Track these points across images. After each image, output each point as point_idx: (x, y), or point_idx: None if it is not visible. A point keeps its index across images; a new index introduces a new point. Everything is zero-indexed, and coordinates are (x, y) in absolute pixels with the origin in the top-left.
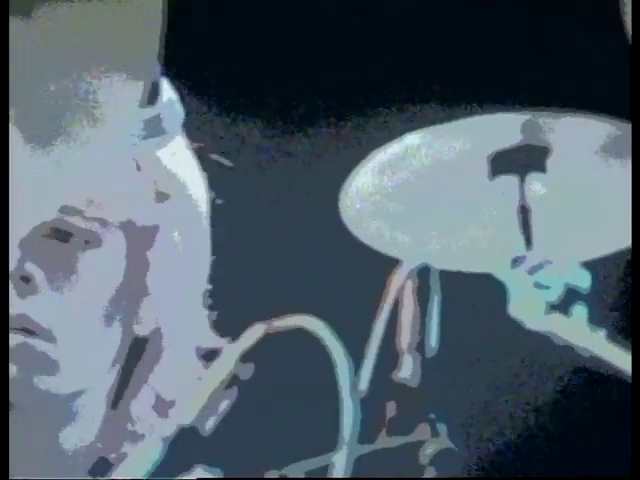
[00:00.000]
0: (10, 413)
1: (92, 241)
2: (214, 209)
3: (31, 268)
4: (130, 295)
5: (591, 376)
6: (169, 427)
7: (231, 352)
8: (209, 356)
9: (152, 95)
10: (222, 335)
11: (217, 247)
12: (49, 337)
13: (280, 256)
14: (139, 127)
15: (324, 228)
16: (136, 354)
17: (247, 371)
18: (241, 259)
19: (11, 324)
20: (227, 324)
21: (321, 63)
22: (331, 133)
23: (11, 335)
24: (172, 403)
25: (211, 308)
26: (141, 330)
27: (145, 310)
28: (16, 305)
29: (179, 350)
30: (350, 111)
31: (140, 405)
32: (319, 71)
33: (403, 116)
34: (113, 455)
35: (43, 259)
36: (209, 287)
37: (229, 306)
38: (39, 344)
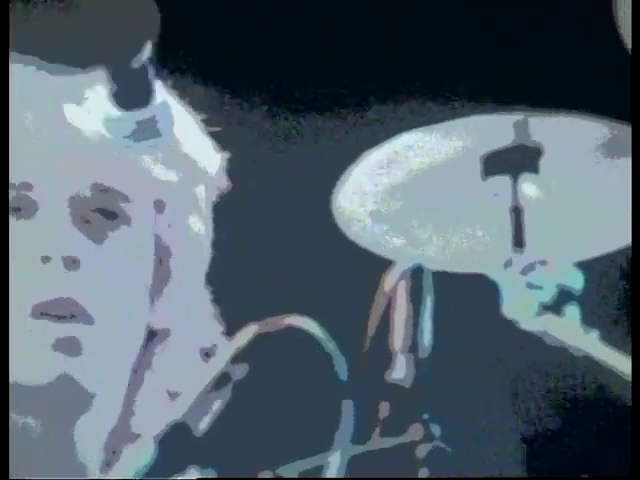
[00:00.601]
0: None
1: (122, 219)
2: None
3: (75, 249)
4: (155, 282)
5: (584, 376)
6: (161, 424)
7: (224, 352)
8: (210, 352)
9: (146, 97)
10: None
11: (211, 247)
12: (88, 320)
13: (273, 256)
14: (133, 129)
15: (317, 228)
16: (148, 347)
17: (240, 371)
18: (234, 259)
19: (53, 308)
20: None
21: (316, 62)
22: (324, 133)
23: (50, 324)
24: (175, 395)
25: (215, 302)
26: (156, 322)
27: (163, 300)
28: (59, 288)
29: (185, 347)
30: (343, 111)
31: (145, 401)
32: (313, 70)
33: (396, 116)
34: (117, 452)
35: (83, 239)
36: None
37: (222, 306)
38: (78, 328)
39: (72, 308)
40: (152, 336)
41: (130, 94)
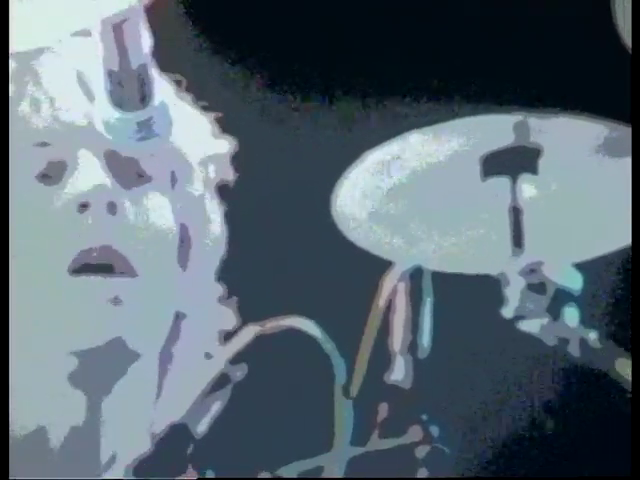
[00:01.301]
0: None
1: (148, 177)
2: None
3: (113, 194)
4: (179, 256)
5: (583, 377)
6: (159, 425)
7: (223, 353)
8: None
9: (144, 97)
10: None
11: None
12: (130, 271)
13: (272, 257)
14: (131, 130)
15: (316, 229)
16: (174, 332)
17: (240, 372)
18: (232, 261)
19: (95, 257)
20: None
21: (316, 62)
22: (324, 134)
23: (93, 280)
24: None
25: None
26: (180, 305)
27: (185, 279)
28: (99, 237)
29: (201, 331)
30: (342, 111)
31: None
32: (313, 71)
33: (396, 117)
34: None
35: (117, 187)
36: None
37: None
38: (118, 281)
39: (113, 256)
40: (178, 320)
41: (128, 95)
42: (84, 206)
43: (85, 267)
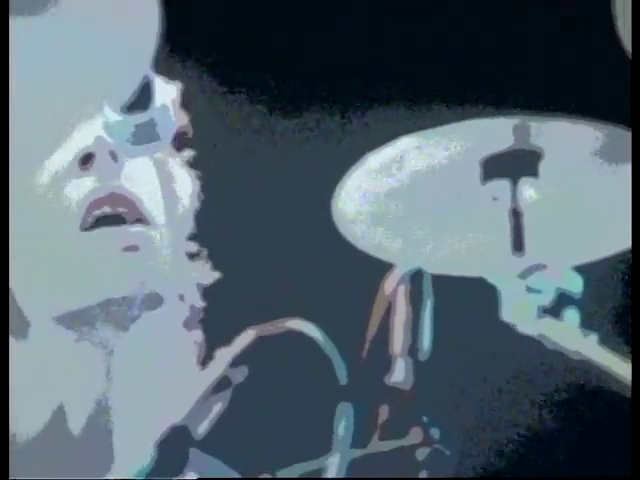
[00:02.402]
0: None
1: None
2: (205, 211)
3: (111, 144)
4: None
5: (583, 380)
6: (160, 427)
7: (224, 356)
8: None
9: (145, 100)
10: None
11: (208, 251)
12: (141, 216)
13: (272, 260)
14: (132, 132)
15: (316, 231)
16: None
17: (240, 374)
18: (232, 263)
19: (102, 210)
20: (220, 327)
21: (317, 64)
22: (324, 135)
23: (111, 230)
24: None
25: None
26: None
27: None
28: (107, 184)
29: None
30: (343, 114)
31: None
32: (314, 72)
33: (396, 119)
34: None
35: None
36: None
37: (222, 310)
38: (139, 231)
39: (123, 202)
40: None
41: (130, 98)
42: (88, 158)
43: (99, 221)
